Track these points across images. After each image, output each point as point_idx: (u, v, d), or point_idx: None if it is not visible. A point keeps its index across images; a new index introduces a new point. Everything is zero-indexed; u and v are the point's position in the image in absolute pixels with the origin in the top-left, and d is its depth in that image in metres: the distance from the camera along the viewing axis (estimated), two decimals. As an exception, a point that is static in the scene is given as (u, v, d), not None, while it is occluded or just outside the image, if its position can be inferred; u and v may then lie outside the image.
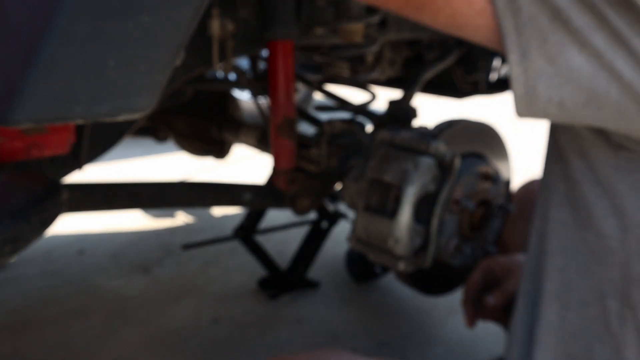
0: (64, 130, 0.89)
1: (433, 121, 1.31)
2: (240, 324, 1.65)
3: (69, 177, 1.03)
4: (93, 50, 0.59)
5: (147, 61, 0.64)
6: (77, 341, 1.55)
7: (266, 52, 1.15)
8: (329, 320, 1.68)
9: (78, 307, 1.72)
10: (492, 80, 1.57)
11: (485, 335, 1.58)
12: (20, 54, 0.57)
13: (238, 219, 2.12)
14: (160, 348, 1.53)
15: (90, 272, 1.95)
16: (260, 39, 1.08)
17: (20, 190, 0.81)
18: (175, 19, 0.64)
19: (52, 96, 0.59)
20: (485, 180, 1.05)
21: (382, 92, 1.56)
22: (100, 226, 2.34)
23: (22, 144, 0.85)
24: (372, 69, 1.42)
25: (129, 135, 1.14)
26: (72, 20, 0.57)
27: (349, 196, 1.09)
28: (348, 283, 1.89)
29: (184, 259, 2.05)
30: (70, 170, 1.01)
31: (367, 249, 1.02)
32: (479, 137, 1.29)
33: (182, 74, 0.99)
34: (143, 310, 1.72)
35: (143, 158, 3.32)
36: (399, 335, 1.61)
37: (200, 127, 1.77)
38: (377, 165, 1.02)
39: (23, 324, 1.63)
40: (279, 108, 1.17)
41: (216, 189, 1.32)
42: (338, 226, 1.87)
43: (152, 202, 1.26)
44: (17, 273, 1.92)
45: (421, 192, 0.96)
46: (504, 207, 1.08)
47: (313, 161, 1.30)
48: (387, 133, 1.05)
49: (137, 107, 0.66)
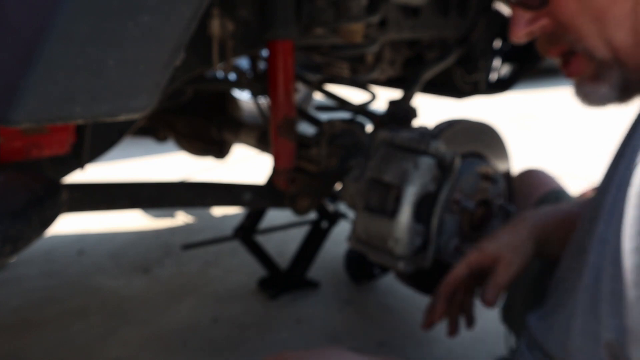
0: (64, 130, 0.89)
1: (433, 121, 1.31)
2: (240, 324, 1.65)
3: (69, 177, 1.03)
4: (93, 50, 0.59)
5: (147, 61, 0.64)
6: (77, 341, 1.55)
7: (266, 52, 1.15)
8: (329, 320, 1.68)
9: (78, 307, 1.72)
10: (492, 80, 1.57)
11: (485, 335, 1.58)
12: (20, 54, 0.57)
13: (238, 219, 2.12)
14: (160, 348, 1.53)
15: (90, 272, 1.95)
16: (260, 39, 1.08)
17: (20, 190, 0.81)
18: (175, 19, 0.64)
19: (52, 96, 0.59)
20: (485, 180, 1.05)
21: (382, 92, 1.56)
22: (100, 226, 2.34)
23: (22, 144, 0.85)
24: (372, 69, 1.42)
25: (129, 135, 1.14)
26: (72, 20, 0.57)
27: (349, 196, 1.09)
28: (348, 283, 1.89)
29: (184, 259, 2.05)
30: (70, 170, 1.01)
31: (367, 249, 1.02)
32: (479, 137, 1.29)
33: (182, 74, 0.99)
34: (143, 310, 1.72)
35: (143, 158, 3.32)
36: (399, 335, 1.61)
37: (200, 127, 1.77)
38: (377, 165, 1.02)
39: (23, 324, 1.63)
40: (279, 108, 1.17)
41: (216, 189, 1.32)
42: (338, 226, 1.87)
43: (152, 202, 1.26)
44: (17, 273, 1.92)
45: (421, 192, 0.96)
46: (504, 207, 1.08)
47: (313, 161, 1.30)
48: (387, 133, 1.04)
49: (137, 107, 0.66)
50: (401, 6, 1.28)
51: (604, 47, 0.73)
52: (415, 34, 1.33)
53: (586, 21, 0.72)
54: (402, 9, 1.29)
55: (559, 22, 0.75)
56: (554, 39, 0.78)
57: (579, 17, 0.73)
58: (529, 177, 1.20)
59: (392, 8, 1.27)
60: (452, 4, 1.38)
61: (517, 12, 0.78)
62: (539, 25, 0.77)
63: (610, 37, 0.72)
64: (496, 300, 0.86)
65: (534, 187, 1.15)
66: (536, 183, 1.17)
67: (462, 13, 1.41)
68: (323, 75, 1.55)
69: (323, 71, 1.56)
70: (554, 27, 0.77)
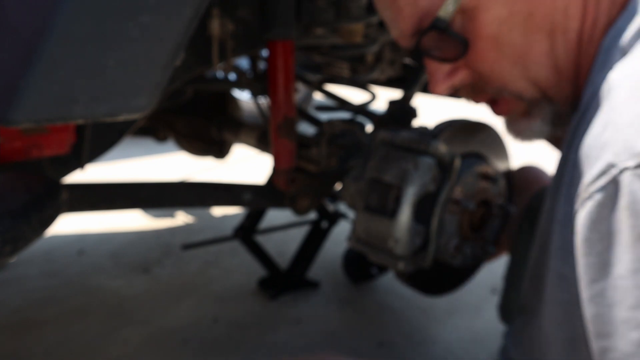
0: (64, 130, 0.89)
1: (433, 121, 1.31)
2: (240, 324, 1.65)
3: (69, 177, 1.03)
4: (93, 50, 0.59)
5: (147, 61, 0.64)
6: (77, 341, 1.55)
7: (266, 52, 1.15)
8: (329, 320, 1.68)
9: (78, 307, 1.72)
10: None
11: (485, 335, 1.58)
12: (20, 54, 0.57)
13: (238, 219, 2.12)
14: (160, 348, 1.53)
15: (90, 272, 1.95)
16: (260, 39, 1.08)
17: (20, 190, 0.81)
18: (175, 19, 0.64)
19: (52, 96, 0.59)
20: (485, 180, 1.05)
21: (382, 92, 1.56)
22: (100, 226, 2.34)
23: (22, 144, 0.85)
24: (372, 69, 1.42)
25: (129, 135, 1.14)
26: (72, 20, 0.57)
27: (349, 196, 1.09)
28: (348, 283, 1.89)
29: (184, 259, 2.05)
30: (70, 170, 1.01)
31: (367, 249, 1.02)
32: (479, 137, 1.29)
33: (182, 74, 0.99)
34: (143, 310, 1.72)
35: (143, 158, 3.32)
36: (399, 335, 1.61)
37: (200, 127, 1.77)
38: (377, 165, 1.01)
39: (23, 324, 1.63)
40: (279, 108, 1.17)
41: (216, 189, 1.32)
42: (338, 226, 1.87)
43: (152, 202, 1.26)
44: (17, 273, 1.92)
45: (421, 192, 0.96)
46: (504, 207, 1.08)
47: (313, 161, 1.30)
48: (387, 133, 1.04)
49: (137, 107, 0.66)
50: (401, 6, 1.28)
51: (530, 87, 0.72)
52: (416, 34, 1.33)
53: (507, 66, 0.71)
54: (402, 9, 1.29)
55: (479, 73, 0.73)
56: (477, 89, 0.76)
57: (499, 64, 0.71)
58: (525, 173, 1.20)
59: (392, 8, 1.26)
60: (452, 4, 1.38)
61: (434, 66, 0.75)
62: (458, 79, 0.75)
63: (534, 77, 0.71)
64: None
65: (529, 184, 1.15)
66: (531, 179, 1.17)
67: (462, 13, 1.41)
68: (323, 75, 1.55)
69: (323, 71, 1.56)
70: (474, 78, 0.75)
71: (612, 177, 0.52)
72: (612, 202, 0.52)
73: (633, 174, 0.50)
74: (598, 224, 0.53)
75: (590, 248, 0.54)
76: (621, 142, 0.52)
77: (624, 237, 0.52)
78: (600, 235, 0.53)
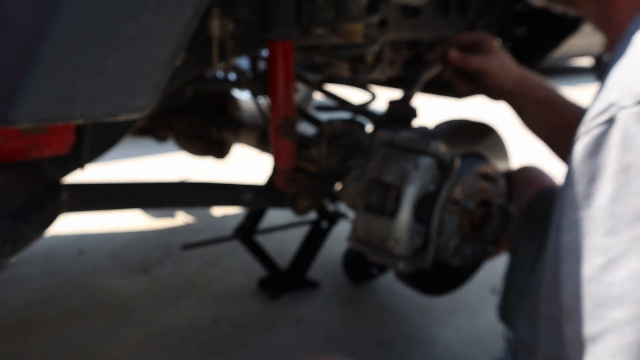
0: (64, 130, 0.89)
1: (433, 121, 1.31)
2: (240, 324, 1.65)
3: (69, 177, 1.03)
4: (93, 50, 0.59)
5: (147, 61, 0.64)
6: (77, 341, 1.55)
7: (266, 52, 1.15)
8: (329, 320, 1.68)
9: (78, 307, 1.72)
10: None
11: (485, 335, 1.58)
12: (20, 54, 0.57)
13: (238, 219, 2.12)
14: (160, 348, 1.53)
15: (90, 272, 1.95)
16: (260, 39, 1.08)
17: (20, 190, 0.81)
18: (175, 19, 0.64)
19: (52, 96, 0.59)
20: (485, 180, 1.05)
21: (382, 92, 1.56)
22: (100, 226, 2.34)
23: (22, 144, 0.85)
24: (372, 69, 1.42)
25: (129, 135, 1.14)
26: (72, 20, 0.57)
27: (349, 196, 1.09)
28: (348, 283, 1.89)
29: (184, 259, 2.05)
30: (70, 170, 1.01)
31: (367, 249, 1.02)
32: (479, 137, 1.29)
33: (182, 74, 0.99)
34: (143, 310, 1.72)
35: (143, 158, 3.32)
36: (399, 335, 1.61)
37: (200, 127, 1.77)
38: (377, 165, 1.01)
39: (23, 324, 1.63)
40: (279, 108, 1.16)
41: (216, 189, 1.32)
42: (338, 226, 1.87)
43: (152, 202, 1.26)
44: (17, 273, 1.92)
45: (421, 192, 0.96)
46: (504, 207, 1.08)
47: (313, 161, 1.30)
48: (387, 133, 1.04)
49: (137, 107, 0.66)
50: (401, 6, 1.28)
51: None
52: (416, 34, 1.33)
53: None
54: (402, 9, 1.29)
55: None
56: None
57: None
58: (524, 173, 1.20)
59: (392, 8, 1.27)
60: (452, 4, 1.38)
61: None
62: None
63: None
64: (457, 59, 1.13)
65: (529, 184, 1.15)
66: (531, 180, 1.17)
67: (462, 13, 1.41)
68: (323, 75, 1.55)
69: (323, 71, 1.56)
70: None
71: (611, 114, 0.54)
72: (606, 138, 0.54)
73: (629, 112, 0.53)
74: (589, 157, 0.56)
75: (578, 179, 0.57)
76: (626, 83, 0.55)
77: (609, 170, 0.54)
78: (589, 167, 0.56)
